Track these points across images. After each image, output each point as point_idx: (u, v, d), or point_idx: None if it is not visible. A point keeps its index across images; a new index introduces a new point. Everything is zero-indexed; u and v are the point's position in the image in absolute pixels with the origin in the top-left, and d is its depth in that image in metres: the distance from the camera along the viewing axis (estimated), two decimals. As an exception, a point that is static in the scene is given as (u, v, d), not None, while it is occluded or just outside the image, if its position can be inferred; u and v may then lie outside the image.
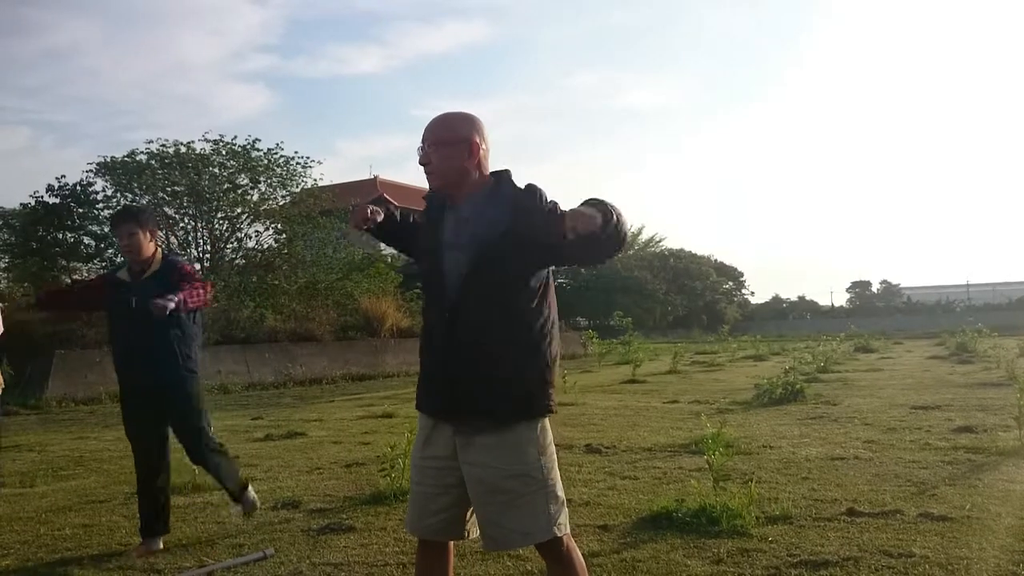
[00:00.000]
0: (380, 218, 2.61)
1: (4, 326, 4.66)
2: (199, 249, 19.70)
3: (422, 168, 2.45)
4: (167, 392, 4.17)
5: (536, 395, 2.37)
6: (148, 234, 4.22)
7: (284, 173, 20.65)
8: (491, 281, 2.33)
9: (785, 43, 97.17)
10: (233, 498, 4.46)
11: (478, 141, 2.41)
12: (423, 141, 2.43)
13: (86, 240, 18.47)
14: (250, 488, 4.50)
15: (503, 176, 2.46)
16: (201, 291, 4.09)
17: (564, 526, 2.37)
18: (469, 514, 2.43)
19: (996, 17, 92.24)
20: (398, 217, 2.72)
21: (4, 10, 60.23)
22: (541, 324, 2.39)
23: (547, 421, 2.44)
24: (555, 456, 2.44)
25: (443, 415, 2.42)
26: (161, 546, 4.20)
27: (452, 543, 2.56)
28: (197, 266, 4.79)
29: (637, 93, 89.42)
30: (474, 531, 2.46)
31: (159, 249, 4.34)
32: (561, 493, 2.40)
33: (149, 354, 4.11)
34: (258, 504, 4.58)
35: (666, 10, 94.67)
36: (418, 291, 19.59)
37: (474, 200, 2.41)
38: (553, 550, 2.37)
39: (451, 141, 2.40)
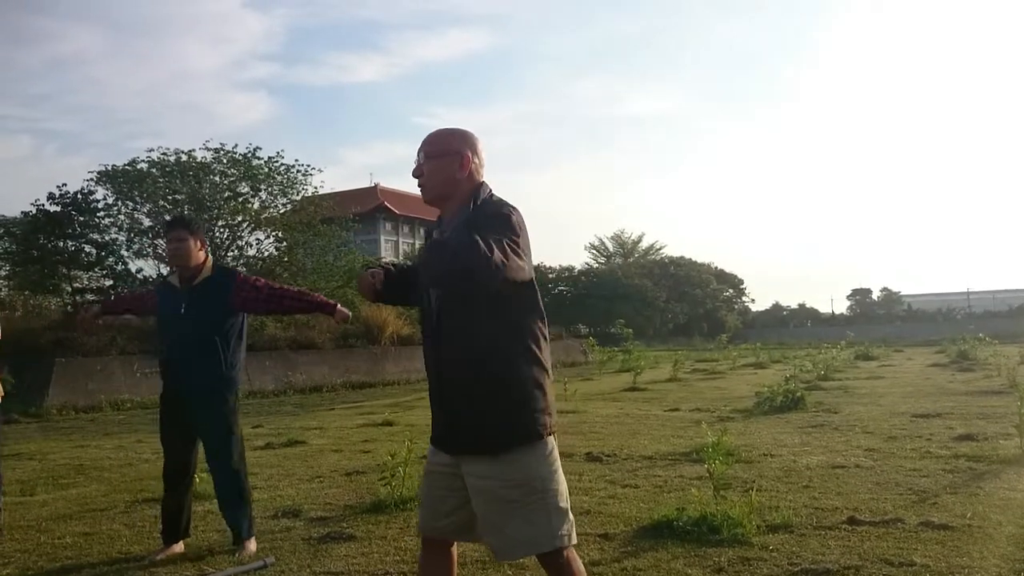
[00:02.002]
0: (382, 276, 2.54)
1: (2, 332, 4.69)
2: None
3: (416, 180, 2.49)
4: (206, 398, 4.20)
5: (525, 422, 2.34)
6: (198, 242, 4.30)
7: (285, 181, 20.72)
8: (461, 308, 2.34)
9: (787, 51, 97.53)
10: (235, 539, 4.23)
11: (470, 155, 2.45)
12: (418, 153, 2.49)
13: (87, 248, 18.51)
14: (253, 541, 4.23)
15: (478, 192, 2.46)
16: (301, 290, 4.28)
17: (568, 537, 2.35)
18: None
19: (997, 26, 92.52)
20: (394, 271, 2.63)
21: (9, 19, 60.47)
22: (521, 349, 2.36)
23: (549, 439, 2.42)
24: (558, 466, 2.42)
25: (446, 448, 2.44)
26: (182, 548, 4.24)
27: (456, 548, 2.58)
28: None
29: (638, 101, 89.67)
30: (485, 541, 2.48)
31: (209, 257, 4.41)
32: (564, 504, 2.38)
33: (195, 361, 4.16)
34: (247, 557, 4.09)
35: (667, 19, 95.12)
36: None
37: (455, 218, 2.43)
38: (554, 561, 2.37)
39: (443, 153, 2.45)
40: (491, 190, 2.49)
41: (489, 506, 2.33)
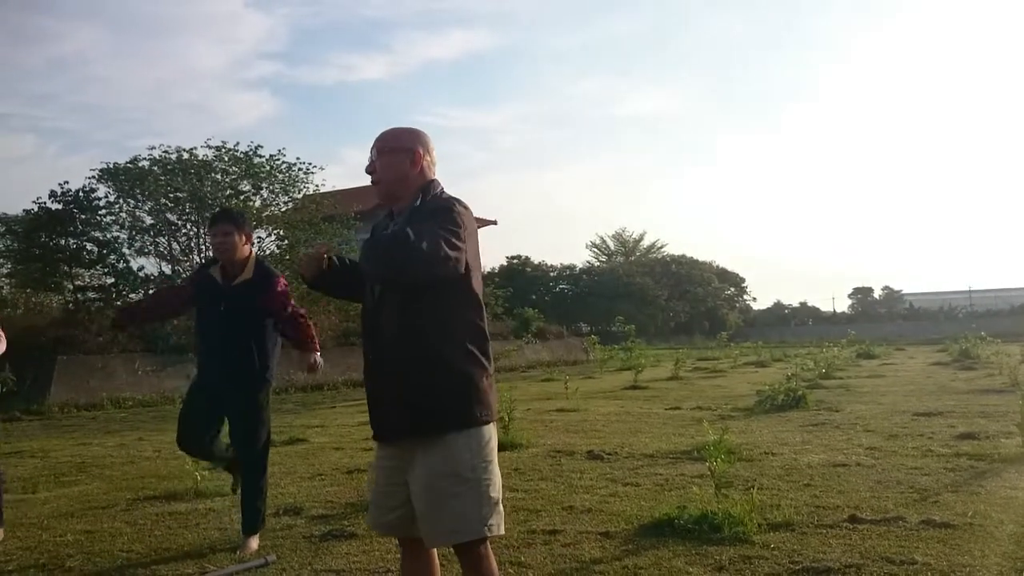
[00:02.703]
0: (329, 262, 2.55)
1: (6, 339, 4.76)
2: (201, 255, 19.72)
3: (369, 177, 2.55)
4: (239, 395, 4.23)
5: (458, 409, 2.38)
6: (243, 237, 4.28)
7: (286, 179, 20.69)
8: (397, 300, 2.39)
9: (788, 50, 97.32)
10: (244, 529, 4.28)
11: (421, 152, 2.52)
12: (371, 150, 2.54)
13: (88, 246, 18.51)
14: (256, 539, 4.25)
15: (428, 188, 2.51)
16: (311, 326, 4.33)
17: (495, 527, 2.39)
18: None
19: (999, 23, 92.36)
20: (338, 262, 2.63)
21: (13, 18, 60.47)
22: (457, 339, 2.40)
23: (487, 428, 2.45)
24: (494, 457, 2.45)
25: (382, 439, 2.51)
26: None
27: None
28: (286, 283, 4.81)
29: (641, 100, 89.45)
30: (419, 529, 2.48)
31: (254, 254, 4.41)
32: (495, 494, 2.41)
33: (230, 359, 4.20)
34: (248, 554, 4.10)
35: (670, 19, 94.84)
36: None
37: (404, 214, 2.47)
38: (471, 553, 2.38)
39: (395, 150, 2.51)
40: (442, 187, 2.55)
41: (423, 493, 2.37)
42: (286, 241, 20.82)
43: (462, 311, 2.43)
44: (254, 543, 4.21)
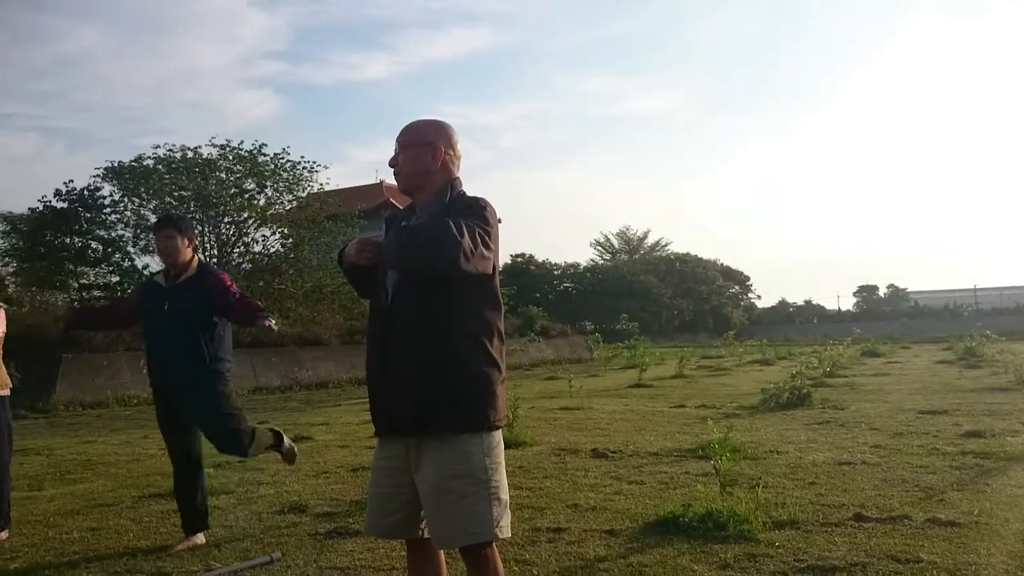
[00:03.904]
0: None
1: (6, 328, 4.80)
2: (206, 254, 19.77)
3: (392, 170, 2.53)
4: (197, 392, 4.25)
5: (472, 412, 2.35)
6: (186, 240, 4.42)
7: (290, 178, 20.75)
8: (416, 295, 2.35)
9: (792, 49, 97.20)
10: (278, 452, 4.67)
11: (443, 147, 2.49)
12: (395, 143, 2.52)
13: (93, 244, 18.57)
14: (285, 439, 4.64)
15: (452, 185, 2.49)
16: (252, 301, 4.36)
17: (505, 529, 2.38)
18: (423, 513, 2.44)
19: (997, 23, 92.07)
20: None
21: (18, 17, 60.73)
22: (474, 340, 2.37)
23: (498, 431, 2.44)
24: (502, 459, 2.44)
25: (387, 433, 2.47)
26: (203, 540, 4.31)
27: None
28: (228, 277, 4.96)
29: (643, 98, 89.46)
30: (428, 530, 2.47)
31: (196, 258, 4.51)
32: (505, 496, 2.40)
33: (179, 355, 4.23)
34: (295, 451, 4.80)
35: (670, 17, 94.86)
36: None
37: (426, 208, 2.46)
38: (479, 554, 2.37)
39: (417, 143, 2.49)
40: (462, 188, 2.52)
41: (434, 495, 2.35)
42: (290, 240, 20.87)
43: (484, 311, 2.40)
44: (288, 443, 4.62)
